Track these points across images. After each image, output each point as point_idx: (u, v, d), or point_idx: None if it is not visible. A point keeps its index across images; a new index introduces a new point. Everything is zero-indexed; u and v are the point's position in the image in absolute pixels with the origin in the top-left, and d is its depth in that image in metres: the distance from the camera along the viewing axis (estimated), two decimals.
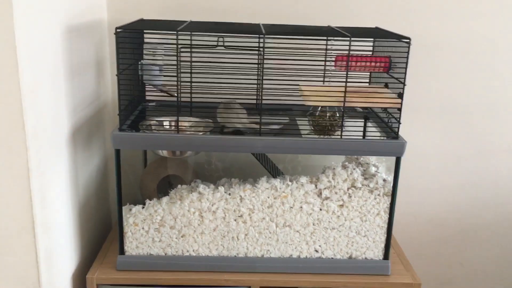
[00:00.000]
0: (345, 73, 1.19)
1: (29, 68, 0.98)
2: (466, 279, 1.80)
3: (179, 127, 1.22)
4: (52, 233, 1.12)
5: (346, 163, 1.34)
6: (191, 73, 1.24)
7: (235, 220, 1.27)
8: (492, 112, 1.61)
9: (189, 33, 1.16)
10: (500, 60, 1.56)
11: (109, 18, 1.48)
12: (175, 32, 1.14)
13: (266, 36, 1.15)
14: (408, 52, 1.16)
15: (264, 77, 1.19)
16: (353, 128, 1.25)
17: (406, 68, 1.17)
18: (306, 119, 1.32)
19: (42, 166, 1.05)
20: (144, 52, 1.36)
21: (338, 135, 1.23)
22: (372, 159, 1.38)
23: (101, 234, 1.52)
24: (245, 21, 1.45)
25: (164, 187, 1.45)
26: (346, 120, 1.28)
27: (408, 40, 1.16)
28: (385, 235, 1.30)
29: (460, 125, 1.62)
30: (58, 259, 1.17)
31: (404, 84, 1.18)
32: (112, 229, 1.53)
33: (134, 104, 1.35)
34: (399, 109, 1.20)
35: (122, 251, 1.29)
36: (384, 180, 1.28)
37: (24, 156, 0.98)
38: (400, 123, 1.21)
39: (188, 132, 1.26)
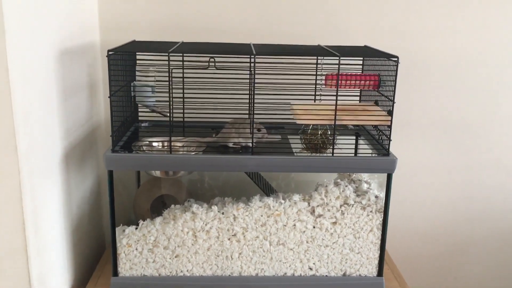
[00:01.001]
0: (335, 91, 1.20)
1: (22, 91, 0.98)
2: None
3: (172, 147, 1.22)
4: (45, 255, 1.12)
5: (339, 180, 1.35)
6: (183, 94, 1.25)
7: (228, 239, 1.28)
8: (481, 126, 1.63)
9: (180, 54, 1.17)
10: (488, 76, 1.59)
11: (101, 40, 1.50)
12: (166, 54, 1.15)
13: (256, 56, 1.17)
14: (396, 71, 1.18)
15: (256, 97, 1.20)
16: (344, 146, 1.26)
17: (394, 86, 1.19)
18: (298, 137, 1.34)
19: (34, 189, 1.05)
20: (137, 73, 1.37)
21: (330, 152, 1.24)
22: (364, 176, 1.38)
23: (94, 256, 1.51)
24: (236, 41, 1.47)
25: (157, 207, 1.45)
26: (337, 137, 1.30)
27: (396, 59, 1.18)
28: (379, 252, 1.30)
29: (450, 140, 1.63)
30: (51, 282, 1.16)
31: (393, 101, 1.20)
32: (105, 250, 1.52)
33: (127, 124, 1.36)
34: (389, 126, 1.22)
35: (115, 272, 1.28)
36: (376, 196, 1.29)
37: (17, 178, 0.99)
38: (390, 140, 1.22)
39: (181, 152, 1.26)
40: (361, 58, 1.41)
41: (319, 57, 1.36)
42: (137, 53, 1.36)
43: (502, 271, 1.79)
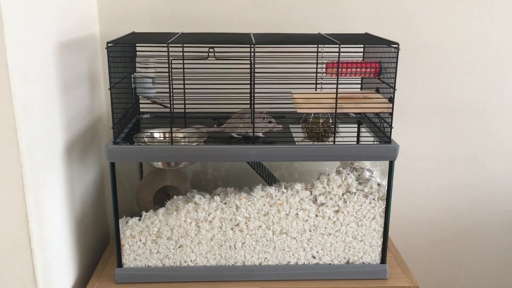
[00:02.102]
0: (336, 79, 1.19)
1: (21, 85, 0.98)
2: (465, 280, 1.80)
3: (173, 138, 1.23)
4: (49, 248, 1.13)
5: (341, 168, 1.35)
6: (184, 84, 1.25)
7: (231, 229, 1.28)
8: (483, 112, 1.62)
9: (179, 45, 1.17)
10: (490, 61, 1.57)
11: (101, 32, 1.49)
12: (166, 45, 1.15)
13: (256, 45, 1.16)
14: (397, 58, 1.17)
15: (257, 86, 1.20)
16: (346, 134, 1.26)
17: (395, 73, 1.18)
18: (300, 126, 1.33)
19: (37, 182, 1.06)
20: (137, 65, 1.37)
21: (331, 141, 1.24)
22: (367, 164, 1.38)
23: (99, 247, 1.52)
24: (236, 31, 1.47)
25: (161, 199, 1.45)
26: (339, 126, 1.29)
27: (396, 46, 1.17)
28: (382, 239, 1.30)
29: (453, 126, 1.63)
30: (56, 274, 1.17)
31: (394, 88, 1.19)
32: (110, 242, 1.53)
33: (129, 116, 1.36)
34: (391, 114, 1.21)
35: (120, 263, 1.29)
36: (379, 184, 1.28)
37: (19, 172, 0.99)
38: (392, 127, 1.22)
39: (182, 143, 1.26)
40: (362, 46, 1.41)
41: (319, 46, 1.35)
42: (136, 45, 1.36)
43: (507, 257, 1.78)
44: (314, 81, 1.39)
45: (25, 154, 1.00)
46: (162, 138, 1.32)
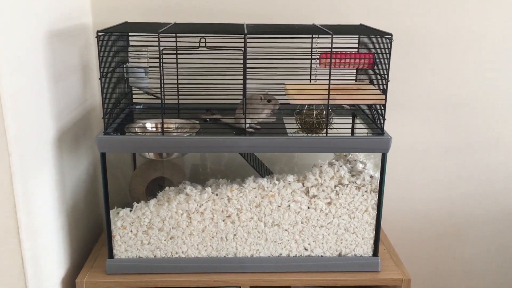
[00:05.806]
0: (331, 70, 1.18)
1: (9, 72, 0.97)
2: (459, 274, 1.80)
3: (165, 129, 1.22)
4: (38, 238, 1.12)
5: (334, 160, 1.34)
6: (177, 75, 1.24)
7: (223, 220, 1.27)
8: (479, 105, 1.60)
9: (170, 35, 1.16)
10: (486, 54, 1.56)
11: (94, 21, 1.48)
12: (156, 34, 1.14)
13: (248, 35, 1.15)
14: (390, 48, 1.16)
15: (250, 77, 1.19)
16: (341, 126, 1.25)
17: (388, 64, 1.17)
18: (294, 118, 1.32)
19: (26, 171, 1.05)
20: (129, 54, 1.36)
21: (325, 133, 1.23)
22: (361, 156, 1.37)
23: (91, 238, 1.52)
24: (230, 22, 1.45)
25: (154, 190, 1.44)
26: (334, 117, 1.28)
27: (389, 36, 1.16)
28: (374, 232, 1.29)
29: (448, 119, 1.61)
30: (46, 264, 1.17)
31: (387, 80, 1.18)
32: (103, 233, 1.52)
33: (122, 107, 1.36)
34: (384, 105, 1.20)
35: (111, 254, 1.28)
36: (371, 176, 1.27)
37: (7, 161, 0.98)
38: (385, 119, 1.21)
39: (174, 134, 1.25)
40: (355, 36, 1.39)
41: (312, 36, 1.34)
42: (129, 34, 1.34)
43: (501, 251, 1.78)
44: (308, 72, 1.38)
45: (13, 143, 0.99)
46: (154, 129, 1.31)
